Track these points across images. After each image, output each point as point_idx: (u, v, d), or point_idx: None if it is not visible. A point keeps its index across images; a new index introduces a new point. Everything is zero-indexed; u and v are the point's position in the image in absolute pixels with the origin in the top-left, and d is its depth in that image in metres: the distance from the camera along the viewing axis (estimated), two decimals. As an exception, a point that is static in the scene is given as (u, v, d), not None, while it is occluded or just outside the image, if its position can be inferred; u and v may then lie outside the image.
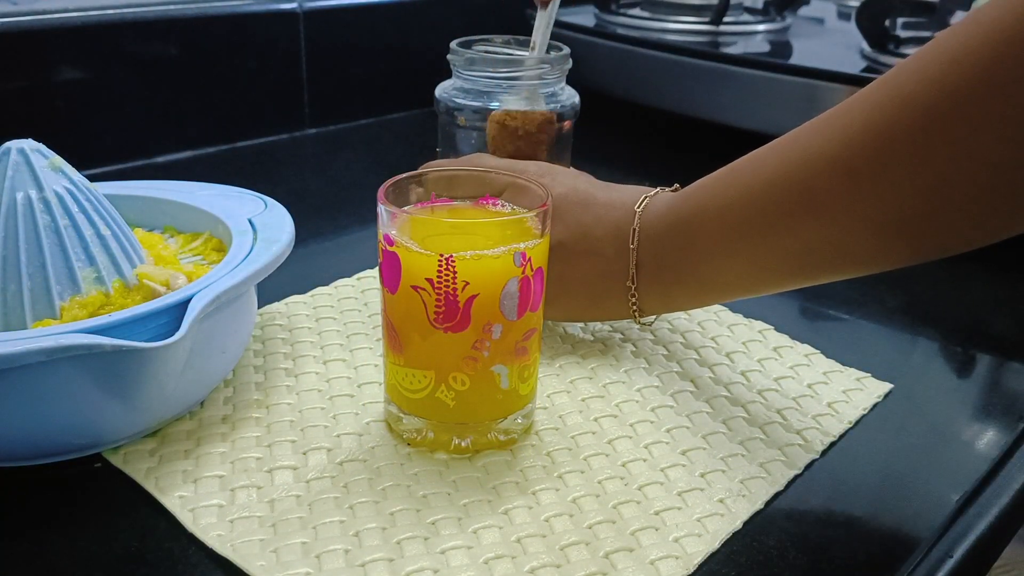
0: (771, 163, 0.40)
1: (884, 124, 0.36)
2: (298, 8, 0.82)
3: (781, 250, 0.40)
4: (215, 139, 0.80)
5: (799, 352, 0.50)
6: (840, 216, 0.37)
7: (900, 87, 0.36)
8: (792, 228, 0.39)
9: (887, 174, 0.36)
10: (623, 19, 0.92)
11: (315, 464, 0.39)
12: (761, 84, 0.77)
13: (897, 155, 0.35)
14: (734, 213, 0.41)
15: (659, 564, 0.34)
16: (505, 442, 0.40)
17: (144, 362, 0.35)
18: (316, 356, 0.47)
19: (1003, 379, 0.51)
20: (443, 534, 0.35)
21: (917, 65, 0.36)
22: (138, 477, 0.38)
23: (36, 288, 0.38)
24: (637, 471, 0.39)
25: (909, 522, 0.38)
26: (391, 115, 0.93)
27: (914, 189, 0.35)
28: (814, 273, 0.41)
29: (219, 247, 0.47)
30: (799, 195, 0.38)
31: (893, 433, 0.43)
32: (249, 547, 0.34)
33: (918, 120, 0.35)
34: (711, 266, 0.42)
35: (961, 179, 0.34)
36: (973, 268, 0.60)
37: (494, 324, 0.37)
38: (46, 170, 0.39)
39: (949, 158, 0.34)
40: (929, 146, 0.34)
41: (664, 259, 0.43)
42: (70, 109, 0.70)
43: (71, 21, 0.69)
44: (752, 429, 0.43)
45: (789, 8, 0.96)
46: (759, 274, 0.41)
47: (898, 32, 0.80)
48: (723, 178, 0.42)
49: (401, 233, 0.37)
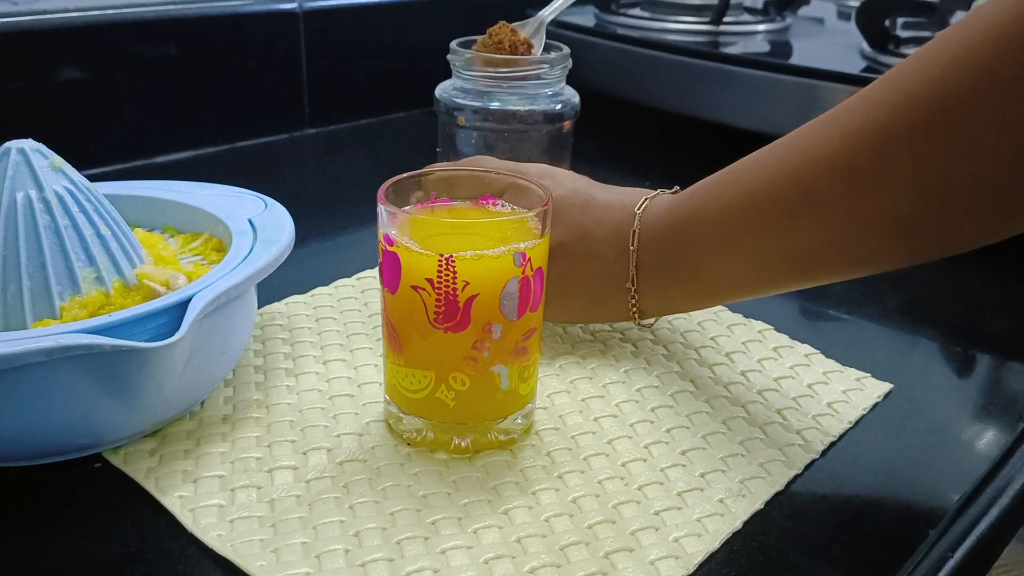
0: (771, 164, 0.40)
1: (884, 123, 0.36)
2: (298, 8, 0.82)
3: (780, 251, 0.40)
4: (215, 139, 0.80)
5: (799, 352, 0.50)
6: (840, 216, 0.37)
7: (900, 86, 0.36)
8: (792, 229, 0.39)
9: (886, 173, 0.36)
10: (623, 19, 0.92)
11: (315, 464, 0.39)
12: (761, 84, 0.77)
13: (897, 154, 0.35)
14: (734, 214, 0.41)
15: (659, 564, 0.34)
16: (505, 442, 0.40)
17: (144, 362, 0.35)
18: (316, 356, 0.47)
19: (1003, 379, 0.51)
20: (443, 534, 0.35)
21: (917, 64, 0.36)
22: (138, 477, 0.38)
23: (36, 288, 0.38)
24: (637, 471, 0.39)
25: (909, 522, 0.38)
26: (391, 115, 0.93)
27: (914, 188, 0.35)
28: (813, 274, 0.41)
29: (219, 247, 0.47)
30: (799, 195, 0.38)
31: (893, 433, 0.43)
32: (249, 547, 0.34)
33: (918, 119, 0.35)
34: (711, 267, 0.42)
35: (961, 178, 0.34)
36: (973, 268, 0.60)
37: (494, 324, 0.37)
38: (46, 170, 0.39)
39: (949, 157, 0.34)
40: (929, 145, 0.34)
41: (664, 260, 0.43)
42: (70, 109, 0.70)
43: (71, 21, 0.69)
44: (752, 429, 0.43)
45: (789, 8, 0.96)
46: (759, 275, 0.41)
47: (898, 32, 0.80)
48: (722, 180, 0.42)
49: (401, 233, 0.37)
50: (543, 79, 0.62)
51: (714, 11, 0.88)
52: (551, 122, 0.63)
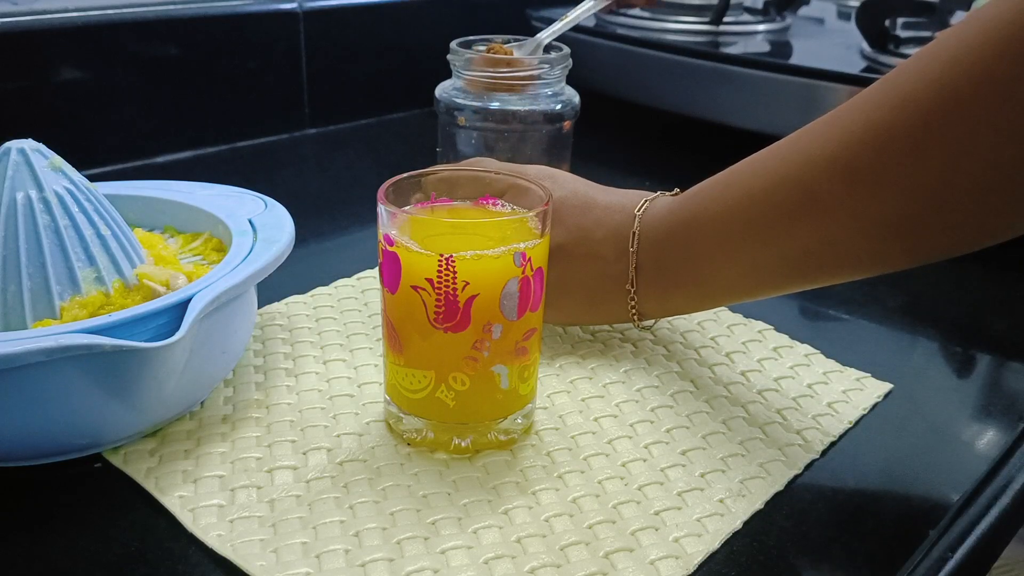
0: (771, 165, 0.40)
1: (884, 124, 0.36)
2: (298, 8, 0.82)
3: (780, 253, 0.40)
4: (215, 139, 0.80)
5: (799, 352, 0.50)
6: (840, 217, 0.37)
7: (900, 87, 0.36)
8: (791, 230, 0.39)
9: (887, 174, 0.36)
10: (623, 19, 0.92)
11: (315, 464, 0.39)
12: (761, 84, 0.77)
13: (897, 155, 0.35)
14: (734, 216, 0.41)
15: (659, 564, 0.34)
16: (505, 442, 0.40)
17: (144, 362, 0.35)
18: (316, 356, 0.47)
19: (1003, 379, 0.51)
20: (443, 534, 0.35)
21: (917, 65, 0.36)
22: (138, 477, 0.38)
23: (36, 288, 0.38)
24: (637, 471, 0.39)
25: (909, 522, 0.38)
26: (391, 115, 0.93)
27: (914, 189, 0.35)
28: (813, 276, 0.41)
29: (219, 247, 0.47)
30: (799, 197, 0.38)
31: (893, 433, 0.43)
32: (249, 547, 0.34)
33: (918, 119, 0.35)
34: (710, 270, 0.42)
35: (961, 179, 0.34)
36: (973, 268, 0.60)
37: (494, 324, 0.37)
38: (46, 170, 0.39)
39: (949, 157, 0.34)
40: (929, 145, 0.34)
41: (663, 263, 0.43)
42: (70, 109, 0.70)
43: (71, 21, 0.69)
44: (752, 429, 0.43)
45: (789, 8, 0.96)
46: (758, 277, 0.41)
47: (898, 32, 0.80)
48: (722, 181, 0.42)
49: (401, 233, 0.37)
50: (543, 79, 0.62)
51: (714, 11, 0.88)
52: (551, 122, 0.64)
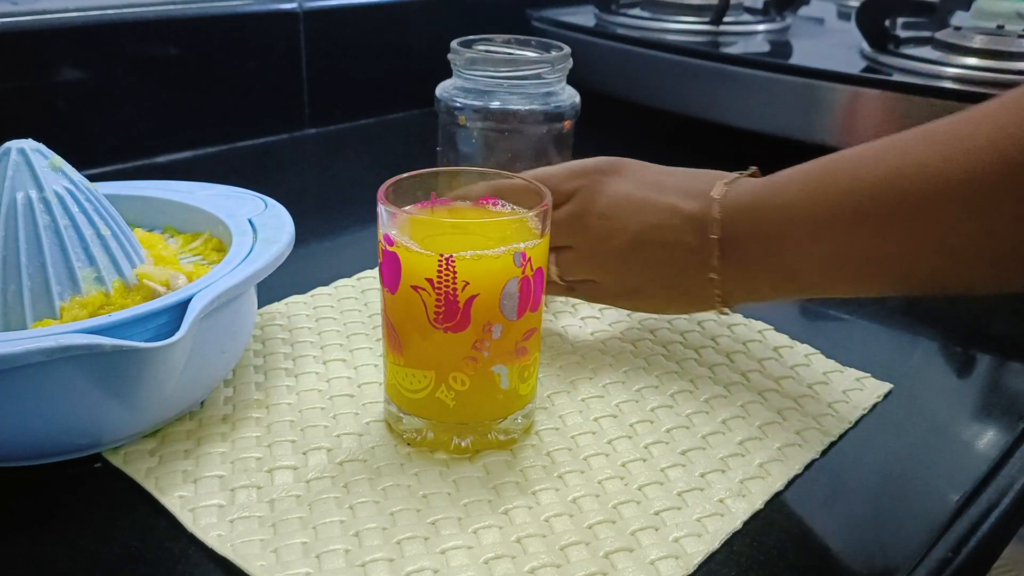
0: (878, 171, 0.38)
1: (1015, 153, 0.34)
2: (298, 8, 0.82)
3: (878, 255, 0.39)
4: (215, 139, 0.80)
5: (799, 352, 0.50)
6: (943, 236, 0.36)
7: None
8: (894, 237, 0.38)
9: (1010, 207, 0.34)
10: (623, 19, 0.92)
11: (315, 464, 0.39)
12: (761, 84, 0.77)
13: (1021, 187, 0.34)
14: (833, 211, 0.39)
15: (659, 564, 0.34)
16: (505, 442, 0.40)
17: (144, 362, 0.35)
18: (316, 356, 0.47)
19: (1003, 379, 0.51)
20: (443, 534, 0.35)
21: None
22: (138, 477, 0.38)
23: (36, 288, 0.38)
24: (637, 471, 0.39)
25: (909, 522, 0.38)
26: (391, 115, 0.93)
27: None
28: (901, 284, 0.40)
29: (219, 247, 0.47)
30: (908, 209, 0.37)
31: (893, 433, 0.43)
32: (249, 547, 0.34)
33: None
34: (800, 261, 0.41)
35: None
36: (973, 268, 0.60)
37: (494, 324, 0.37)
38: (46, 170, 0.39)
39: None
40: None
41: (751, 251, 0.42)
42: (70, 109, 0.70)
43: (71, 21, 0.69)
44: (752, 429, 0.43)
45: (789, 8, 0.96)
46: (844, 273, 0.41)
47: (898, 32, 0.80)
48: (817, 173, 0.41)
49: (401, 233, 0.37)
50: (543, 79, 0.62)
51: (714, 11, 0.88)
52: (551, 122, 0.63)
